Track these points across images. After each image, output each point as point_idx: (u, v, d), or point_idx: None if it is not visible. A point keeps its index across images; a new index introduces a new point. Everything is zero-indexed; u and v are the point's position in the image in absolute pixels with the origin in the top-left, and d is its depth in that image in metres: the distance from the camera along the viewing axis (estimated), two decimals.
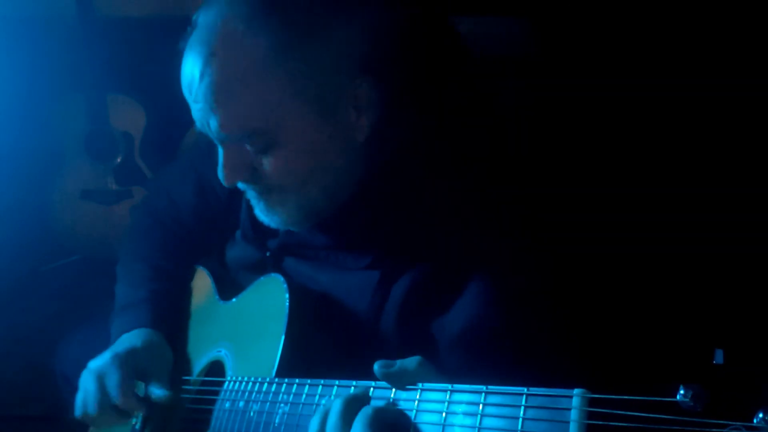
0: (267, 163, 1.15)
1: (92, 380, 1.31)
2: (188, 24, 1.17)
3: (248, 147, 1.15)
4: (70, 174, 2.73)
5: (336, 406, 0.92)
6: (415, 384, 0.89)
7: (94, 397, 1.31)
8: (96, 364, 1.33)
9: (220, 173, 1.17)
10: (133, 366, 1.32)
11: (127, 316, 1.43)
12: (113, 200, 2.73)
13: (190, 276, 1.56)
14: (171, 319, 1.46)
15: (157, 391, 1.33)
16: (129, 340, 1.38)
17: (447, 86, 1.27)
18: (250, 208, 1.37)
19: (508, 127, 1.33)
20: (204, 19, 1.14)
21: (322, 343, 1.20)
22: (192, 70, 1.14)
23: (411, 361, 0.92)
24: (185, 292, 1.53)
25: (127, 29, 2.71)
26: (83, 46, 2.57)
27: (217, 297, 1.46)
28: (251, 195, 1.22)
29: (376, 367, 0.91)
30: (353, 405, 0.92)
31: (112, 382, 1.30)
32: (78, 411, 1.34)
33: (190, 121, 2.98)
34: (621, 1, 2.08)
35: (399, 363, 0.91)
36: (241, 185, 1.21)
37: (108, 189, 2.73)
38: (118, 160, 2.72)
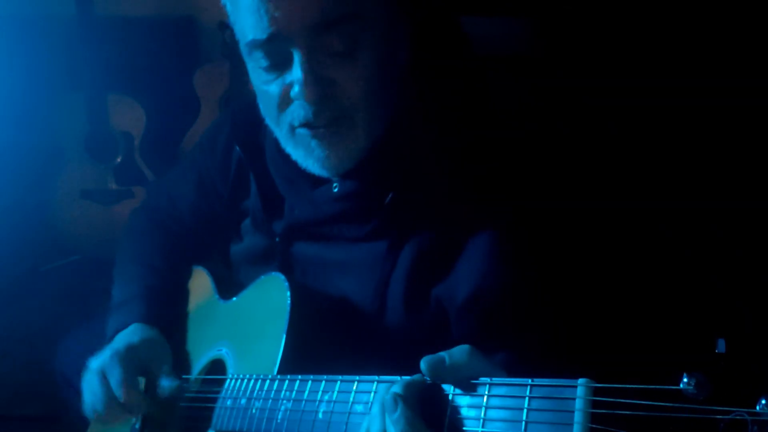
0: (347, 73, 1.13)
1: (97, 380, 1.32)
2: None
3: (331, 49, 1.12)
4: (70, 174, 2.74)
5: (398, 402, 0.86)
6: (469, 378, 0.83)
7: (102, 397, 1.31)
8: (96, 363, 1.33)
9: (303, 90, 1.13)
10: (133, 362, 1.33)
11: (121, 313, 1.44)
12: (113, 200, 2.73)
13: (186, 274, 1.56)
14: (166, 314, 1.46)
15: (167, 382, 1.33)
16: (126, 336, 1.38)
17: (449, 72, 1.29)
18: (260, 191, 1.38)
19: (508, 119, 1.35)
20: None
21: (323, 341, 1.20)
22: None
23: (461, 352, 0.85)
24: (180, 290, 1.54)
25: (127, 29, 2.73)
26: (83, 46, 2.58)
27: (216, 296, 1.47)
28: (314, 135, 1.18)
29: (423, 364, 0.84)
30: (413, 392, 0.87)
31: (115, 380, 1.30)
32: (89, 413, 1.35)
33: (190, 121, 3.01)
34: (622, 1, 2.09)
35: (447, 356, 0.85)
36: (307, 117, 1.17)
37: (108, 189, 2.74)
38: (118, 160, 2.73)
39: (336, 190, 1.26)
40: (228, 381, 1.26)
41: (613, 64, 2.07)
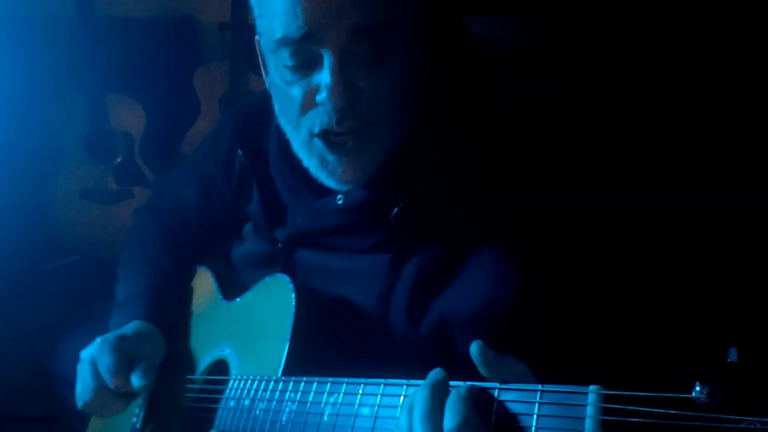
0: (373, 82, 1.12)
1: (86, 367, 1.30)
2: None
3: (362, 55, 1.12)
4: (70, 174, 2.74)
5: (422, 397, 0.86)
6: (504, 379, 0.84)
7: (91, 384, 1.29)
8: (87, 352, 1.32)
9: (331, 94, 1.11)
10: (124, 350, 1.31)
11: (123, 311, 1.44)
12: (113, 200, 2.74)
13: (189, 274, 1.56)
14: (167, 313, 1.45)
15: (136, 381, 1.30)
16: (121, 330, 1.37)
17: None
18: (262, 198, 1.38)
19: (509, 122, 1.35)
20: None
21: (328, 343, 1.20)
22: None
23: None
24: (183, 290, 1.53)
25: (127, 29, 2.73)
26: (83, 46, 2.58)
27: (220, 297, 1.46)
28: (332, 150, 1.18)
29: (474, 348, 0.86)
30: (438, 391, 0.86)
31: (104, 366, 1.28)
32: (79, 402, 1.32)
33: (190, 121, 3.01)
34: (621, 1, 2.09)
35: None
36: (330, 124, 1.15)
37: (108, 189, 2.74)
38: (118, 160, 2.73)
39: (341, 202, 1.25)
40: (231, 381, 1.25)
41: (613, 64, 2.08)
